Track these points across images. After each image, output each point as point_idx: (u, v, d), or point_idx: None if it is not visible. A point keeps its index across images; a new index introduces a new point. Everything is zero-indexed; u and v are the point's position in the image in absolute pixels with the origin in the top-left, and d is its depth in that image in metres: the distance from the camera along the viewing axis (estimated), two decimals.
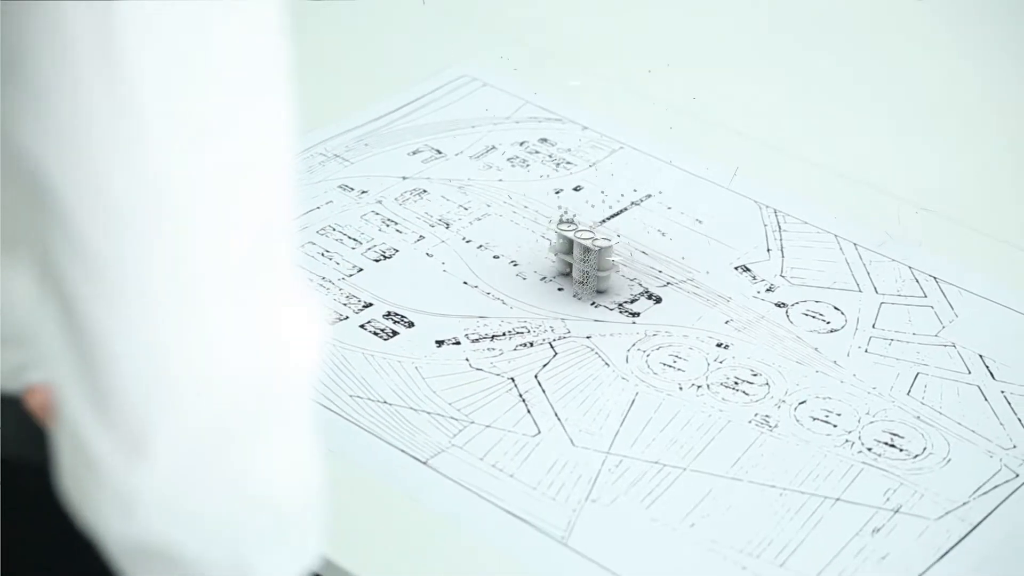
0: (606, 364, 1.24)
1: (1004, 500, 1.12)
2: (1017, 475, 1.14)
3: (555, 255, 1.32)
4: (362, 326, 1.27)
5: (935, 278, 1.34)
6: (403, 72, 1.61)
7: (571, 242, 1.30)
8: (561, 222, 1.32)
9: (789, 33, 1.73)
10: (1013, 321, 1.29)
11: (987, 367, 1.24)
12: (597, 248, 1.29)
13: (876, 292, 1.32)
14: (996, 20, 1.74)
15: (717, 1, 1.78)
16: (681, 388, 1.21)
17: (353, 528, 1.09)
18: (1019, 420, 1.19)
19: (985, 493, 1.12)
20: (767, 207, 1.42)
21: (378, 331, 1.26)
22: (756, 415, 1.19)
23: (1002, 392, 1.22)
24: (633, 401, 1.20)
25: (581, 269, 1.30)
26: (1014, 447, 1.16)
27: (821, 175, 1.47)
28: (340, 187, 1.44)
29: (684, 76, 1.64)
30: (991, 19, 1.74)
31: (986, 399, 1.21)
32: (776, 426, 1.18)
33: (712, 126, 1.54)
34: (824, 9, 1.77)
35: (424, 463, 1.14)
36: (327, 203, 1.42)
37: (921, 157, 1.53)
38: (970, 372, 1.24)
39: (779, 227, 1.40)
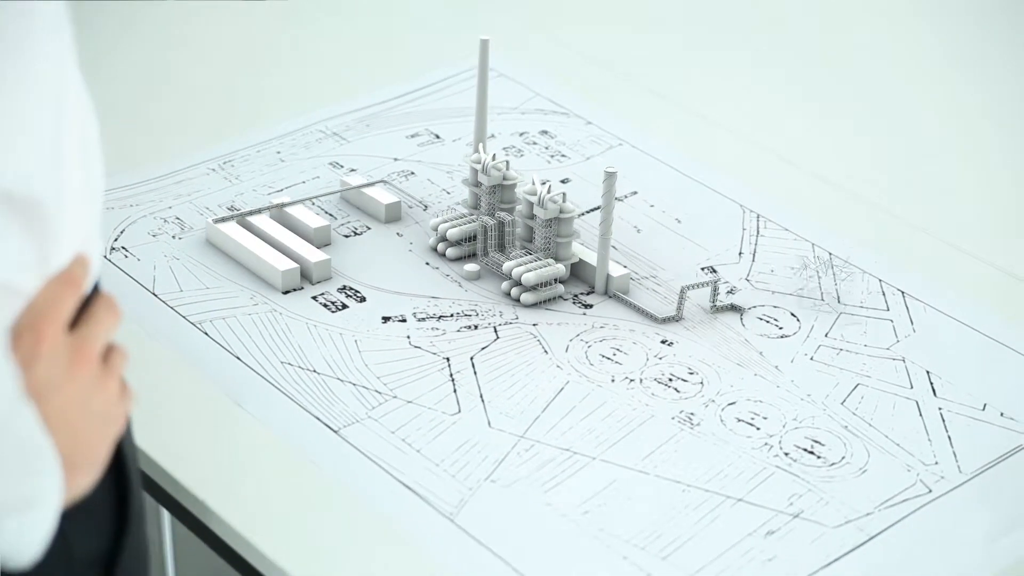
0: (545, 351, 1.24)
1: (908, 514, 1.10)
2: (930, 491, 1.12)
3: (520, 219, 1.32)
4: (314, 297, 1.29)
5: (903, 292, 1.32)
6: (422, 59, 1.63)
7: (532, 205, 1.30)
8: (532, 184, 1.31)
9: (802, 42, 1.71)
10: (970, 340, 1.27)
11: (931, 383, 1.22)
12: (555, 207, 1.28)
13: (839, 302, 1.30)
14: (991, 25, 1.70)
15: (732, 7, 1.77)
16: (613, 380, 1.21)
17: (249, 489, 1.11)
18: (949, 437, 1.17)
19: (892, 506, 1.11)
20: (751, 212, 1.41)
21: (328, 303, 1.28)
22: (681, 412, 1.18)
23: (939, 409, 1.19)
24: (562, 389, 1.20)
25: (543, 235, 1.29)
26: (936, 463, 1.14)
27: (810, 184, 1.46)
28: (331, 164, 1.46)
29: (693, 78, 1.63)
30: (987, 24, 1.70)
31: (921, 415, 1.19)
32: (698, 424, 1.17)
33: (715, 130, 1.54)
34: (830, 18, 1.75)
35: (336, 432, 1.15)
36: (313, 178, 1.44)
37: (915, 173, 1.50)
38: (912, 387, 1.21)
39: (758, 232, 1.39)
